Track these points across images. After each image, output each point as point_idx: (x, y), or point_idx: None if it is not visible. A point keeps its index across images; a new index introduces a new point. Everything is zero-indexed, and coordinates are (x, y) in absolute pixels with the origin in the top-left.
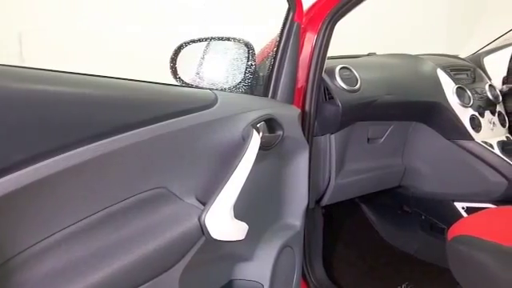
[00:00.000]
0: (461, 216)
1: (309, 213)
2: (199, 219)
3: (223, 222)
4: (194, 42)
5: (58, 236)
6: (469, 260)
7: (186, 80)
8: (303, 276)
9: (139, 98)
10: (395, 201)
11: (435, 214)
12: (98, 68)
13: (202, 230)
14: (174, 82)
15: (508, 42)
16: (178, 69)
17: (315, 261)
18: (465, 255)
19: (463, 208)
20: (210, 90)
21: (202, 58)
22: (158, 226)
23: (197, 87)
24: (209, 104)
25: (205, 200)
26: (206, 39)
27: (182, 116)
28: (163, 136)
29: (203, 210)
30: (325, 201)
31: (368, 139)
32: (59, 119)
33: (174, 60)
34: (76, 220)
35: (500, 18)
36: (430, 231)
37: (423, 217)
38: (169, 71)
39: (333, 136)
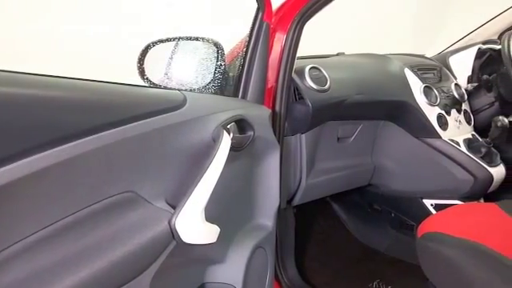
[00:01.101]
0: (429, 213)
1: (280, 213)
2: (169, 223)
3: (194, 225)
4: (161, 41)
5: (19, 245)
6: (438, 256)
7: (154, 81)
8: (276, 276)
9: (104, 99)
10: (365, 199)
11: (405, 212)
12: (51, 69)
13: (173, 233)
14: (140, 82)
15: (472, 42)
16: (145, 69)
17: (287, 261)
18: (434, 251)
19: (432, 205)
20: (179, 90)
21: (171, 58)
22: (126, 231)
23: (165, 88)
24: (178, 105)
25: (175, 203)
26: (173, 39)
27: (149, 118)
28: (130, 139)
29: (173, 214)
30: (296, 200)
31: (338, 139)
32: (19, 123)
33: (141, 60)
34: (39, 228)
35: (464, 18)
36: (399, 228)
37: (393, 214)
38: (127, 71)
39: (303, 136)
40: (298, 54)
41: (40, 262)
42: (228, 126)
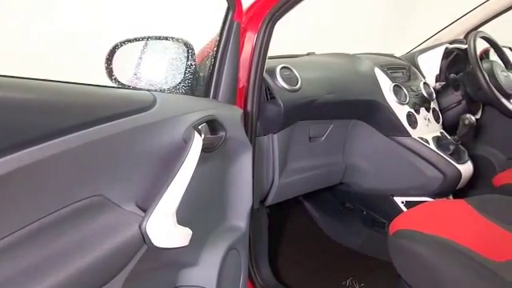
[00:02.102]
0: (400, 210)
1: (253, 213)
2: (140, 227)
3: (165, 229)
4: (129, 41)
5: None
6: (409, 253)
7: (123, 81)
8: (249, 277)
9: (70, 100)
10: (337, 198)
11: (376, 209)
12: (8, 70)
13: (144, 238)
14: (108, 83)
15: (440, 42)
16: (113, 69)
17: (261, 261)
18: (405, 249)
19: (402, 202)
20: (148, 91)
21: (140, 58)
22: (95, 236)
23: (134, 88)
24: (147, 106)
25: (146, 206)
26: (142, 38)
27: (118, 119)
28: (98, 141)
29: (144, 217)
30: (269, 201)
31: (309, 138)
32: None
33: (109, 60)
34: (1, 236)
35: (431, 18)
36: (371, 226)
37: (365, 212)
38: (91, 71)
39: (275, 136)
40: (269, 54)
41: (3, 273)
42: (199, 127)
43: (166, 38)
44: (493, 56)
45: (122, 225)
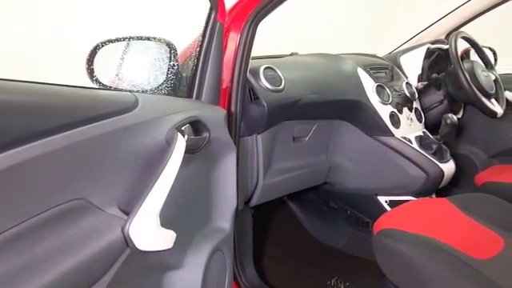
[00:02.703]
0: (384, 209)
1: (238, 214)
2: (123, 230)
3: (149, 232)
4: (111, 41)
5: None
6: (393, 252)
7: (105, 82)
8: (234, 278)
9: (51, 102)
10: (321, 197)
11: (360, 209)
12: None
13: (126, 241)
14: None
15: (422, 42)
16: (94, 70)
17: (246, 262)
18: (389, 248)
19: (386, 202)
20: (130, 92)
21: (122, 59)
22: (77, 240)
23: (116, 89)
24: (129, 107)
25: (128, 209)
26: (124, 39)
27: (99, 121)
28: (79, 143)
29: (127, 220)
30: (254, 201)
31: (293, 138)
32: None
33: (90, 61)
34: None
35: (413, 19)
36: (355, 225)
37: (349, 212)
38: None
39: (259, 136)
40: (252, 54)
41: None
42: (182, 128)
43: (148, 39)
44: (473, 56)
45: (104, 228)
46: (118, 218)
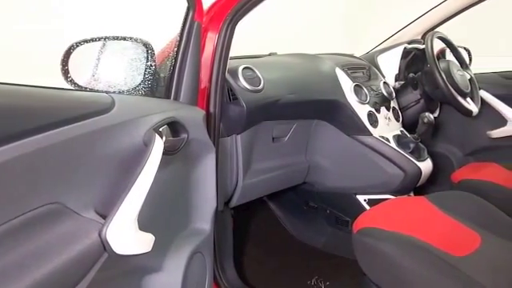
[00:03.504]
0: (363, 208)
1: (218, 216)
2: (100, 234)
3: (127, 235)
4: (86, 41)
5: None
6: (373, 251)
7: (80, 83)
8: (215, 280)
9: (24, 104)
10: (301, 197)
11: (339, 208)
12: None
13: (104, 245)
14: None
15: (398, 42)
16: (69, 71)
17: (226, 263)
18: (369, 246)
19: (365, 200)
20: (107, 93)
21: (98, 59)
22: (52, 246)
23: (91, 90)
24: (105, 108)
25: (106, 213)
26: (99, 39)
27: (75, 123)
28: (54, 146)
29: (104, 224)
30: (233, 202)
31: (273, 138)
32: None
33: (64, 62)
34: None
35: (390, 19)
36: (335, 224)
37: (328, 211)
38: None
39: (239, 137)
40: (231, 54)
41: None
42: (160, 129)
43: (125, 39)
44: (449, 56)
45: (80, 233)
46: (94, 221)
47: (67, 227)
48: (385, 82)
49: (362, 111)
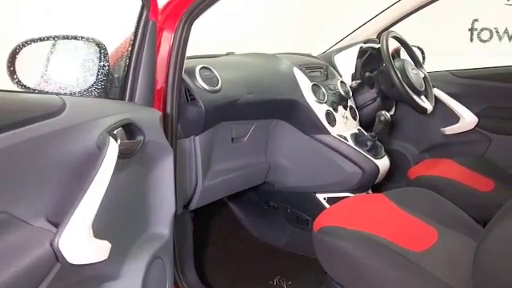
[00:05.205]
0: (323, 206)
1: (177, 219)
2: (52, 244)
3: (81, 244)
4: (34, 41)
5: None
6: (333, 249)
7: (29, 84)
8: (175, 284)
9: None
10: (262, 197)
11: (299, 207)
12: None
13: (56, 255)
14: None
15: (354, 41)
16: (16, 72)
17: (187, 267)
18: (329, 245)
19: (324, 199)
20: (57, 95)
21: (47, 60)
22: (0, 258)
23: (41, 92)
24: (55, 111)
25: (58, 221)
26: (48, 38)
27: (22, 127)
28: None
29: (56, 233)
30: (193, 205)
31: (232, 139)
32: None
33: (10, 62)
34: None
35: (345, 19)
36: (296, 223)
37: (289, 210)
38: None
39: (197, 138)
40: (187, 54)
41: None
42: (114, 132)
43: (76, 38)
44: (403, 55)
45: (31, 243)
46: (46, 231)
47: (16, 238)
48: (342, 82)
49: (320, 110)
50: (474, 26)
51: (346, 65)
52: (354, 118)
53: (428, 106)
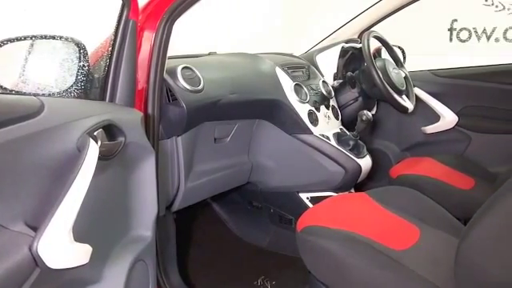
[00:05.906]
0: (306, 206)
1: (160, 221)
2: (30, 249)
3: (61, 248)
4: (10, 41)
5: None
6: (316, 249)
7: (5, 85)
8: (159, 286)
9: None
10: (245, 197)
11: (283, 207)
12: None
13: (36, 260)
14: None
15: (336, 41)
16: None
17: (170, 269)
18: (312, 244)
19: (308, 198)
20: (35, 96)
21: (25, 60)
22: None
23: (18, 93)
24: (33, 112)
25: (37, 225)
26: (26, 38)
27: None
28: None
29: (35, 237)
30: (176, 206)
31: (215, 139)
32: None
33: None
34: None
35: (326, 18)
36: (279, 223)
37: (272, 210)
38: None
39: (179, 138)
40: (168, 54)
41: None
42: (95, 133)
43: (54, 38)
44: (384, 54)
45: (8, 248)
46: (24, 235)
47: None
48: (324, 81)
49: (303, 110)
50: (454, 26)
51: (328, 64)
52: (336, 118)
53: (409, 105)
